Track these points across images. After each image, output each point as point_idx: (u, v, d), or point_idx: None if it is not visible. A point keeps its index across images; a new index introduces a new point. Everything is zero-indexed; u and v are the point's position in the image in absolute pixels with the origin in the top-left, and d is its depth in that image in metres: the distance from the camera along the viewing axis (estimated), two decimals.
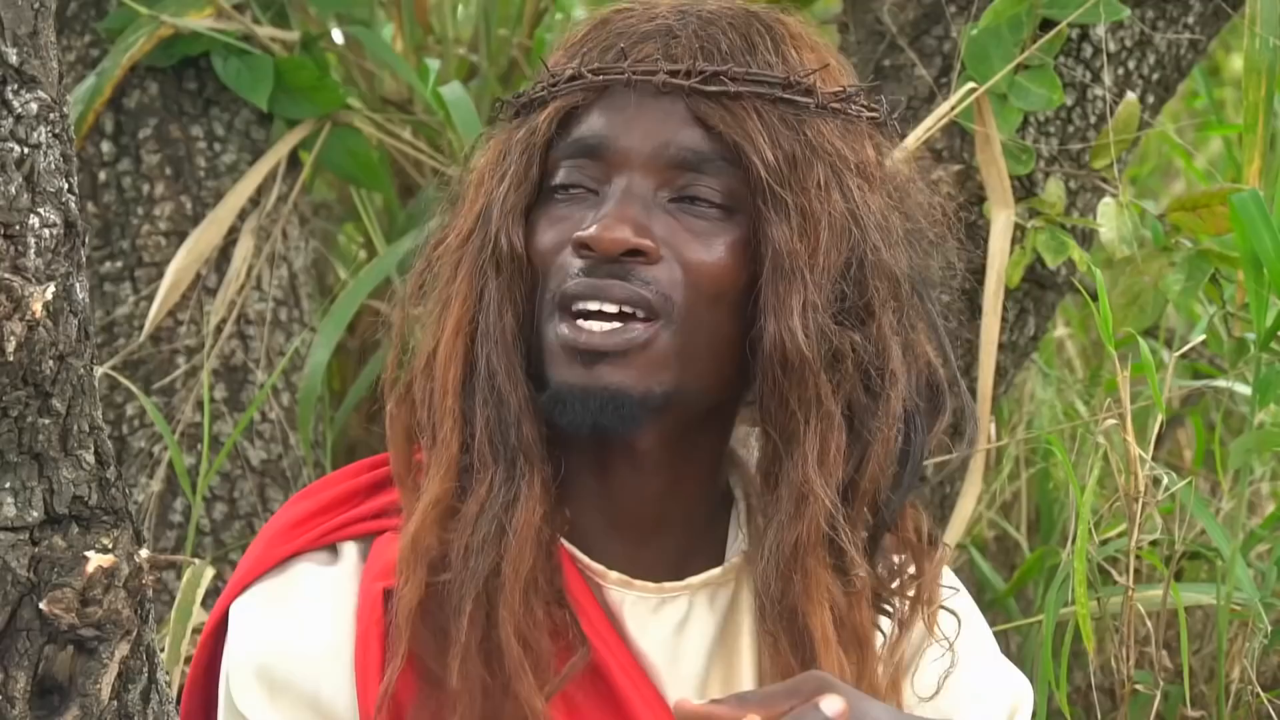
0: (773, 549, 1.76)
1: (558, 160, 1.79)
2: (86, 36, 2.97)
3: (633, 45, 1.79)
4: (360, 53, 3.24)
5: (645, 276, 1.74)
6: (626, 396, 1.74)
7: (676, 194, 1.77)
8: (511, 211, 1.78)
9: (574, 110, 1.79)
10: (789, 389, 1.75)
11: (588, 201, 1.77)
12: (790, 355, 1.74)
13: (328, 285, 3.27)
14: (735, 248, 1.76)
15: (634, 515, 1.82)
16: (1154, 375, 2.38)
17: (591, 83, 1.78)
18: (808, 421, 1.75)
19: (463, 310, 1.79)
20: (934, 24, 2.73)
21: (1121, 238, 2.63)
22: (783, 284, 1.75)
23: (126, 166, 2.93)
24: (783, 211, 1.75)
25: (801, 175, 1.76)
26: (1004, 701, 1.88)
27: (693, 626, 1.83)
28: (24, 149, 1.55)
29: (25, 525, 1.57)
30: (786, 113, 1.77)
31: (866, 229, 1.78)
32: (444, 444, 1.78)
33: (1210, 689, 2.71)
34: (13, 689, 1.56)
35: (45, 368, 1.56)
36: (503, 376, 1.77)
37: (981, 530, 3.26)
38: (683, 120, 1.77)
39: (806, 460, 1.75)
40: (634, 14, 1.82)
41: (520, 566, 1.74)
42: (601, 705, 1.79)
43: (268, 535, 1.85)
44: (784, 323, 1.74)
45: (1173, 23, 2.70)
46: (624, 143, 1.77)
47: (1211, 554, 2.66)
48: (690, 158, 1.76)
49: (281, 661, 1.78)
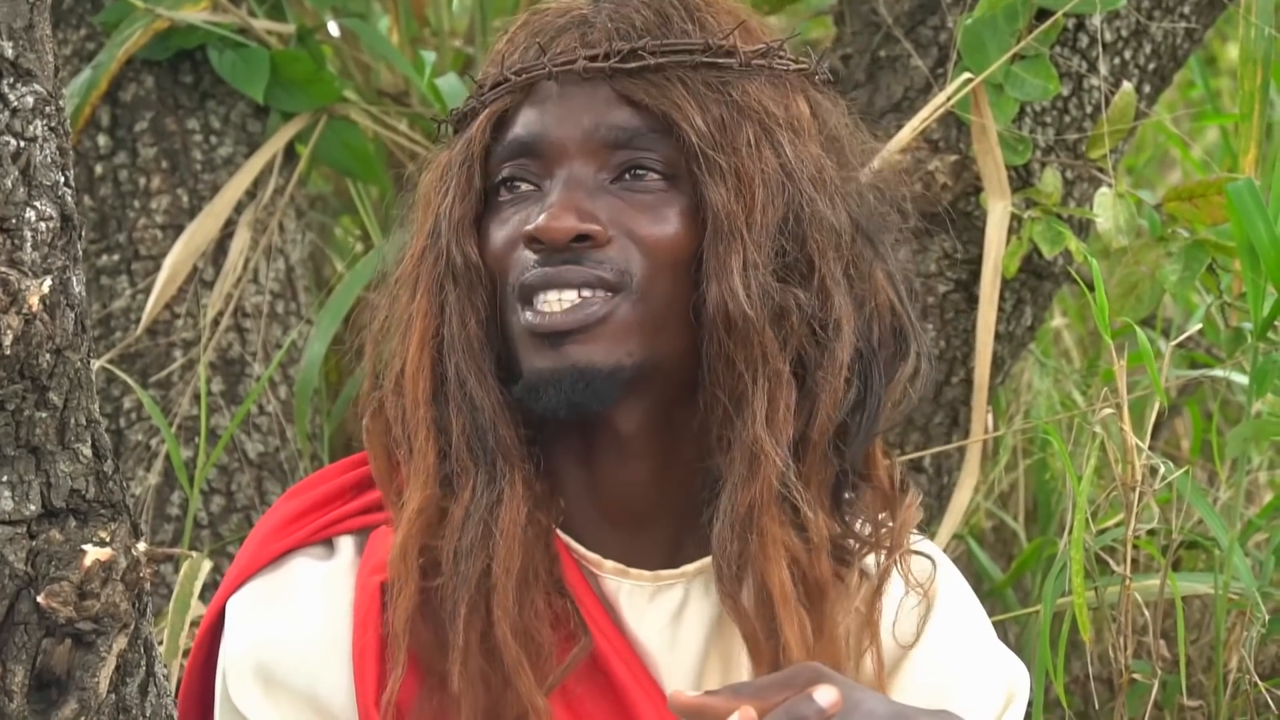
0: (727, 511, 1.76)
1: (498, 164, 1.81)
2: (82, 30, 2.97)
3: (550, 40, 1.81)
4: (356, 45, 3.24)
5: (598, 258, 1.75)
6: (596, 371, 1.75)
7: (616, 173, 1.78)
8: (459, 223, 1.80)
9: (505, 114, 1.81)
10: (734, 350, 1.76)
11: (533, 198, 1.79)
12: (733, 316, 1.75)
13: (324, 278, 3.27)
14: (684, 215, 1.77)
15: (625, 504, 1.83)
16: (1152, 365, 2.38)
17: (516, 83, 1.81)
18: (755, 381, 1.76)
19: (425, 324, 1.81)
20: (930, 14, 2.73)
21: (1118, 227, 2.63)
22: (722, 246, 1.75)
23: (123, 160, 2.93)
24: (717, 174, 1.76)
25: (732, 136, 1.77)
26: (1000, 687, 1.88)
27: (689, 614, 1.83)
28: (20, 142, 1.55)
29: (23, 519, 1.57)
30: (710, 76, 1.78)
31: (800, 183, 1.78)
32: (420, 454, 1.79)
33: (1208, 678, 2.71)
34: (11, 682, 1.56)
35: (42, 361, 1.56)
36: (473, 383, 1.78)
37: (979, 520, 3.26)
38: (609, 102, 1.78)
39: (755, 419, 1.75)
40: (550, 11, 1.85)
41: (510, 566, 1.75)
42: (599, 695, 1.80)
43: (262, 532, 1.85)
44: (725, 284, 1.75)
45: (1169, 12, 2.70)
46: (556, 134, 1.78)
47: (1209, 543, 2.66)
48: (622, 135, 1.77)
49: (278, 657, 1.78)
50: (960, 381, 2.74)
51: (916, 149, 2.65)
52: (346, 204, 3.29)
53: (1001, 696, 1.88)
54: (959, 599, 1.90)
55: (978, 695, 1.87)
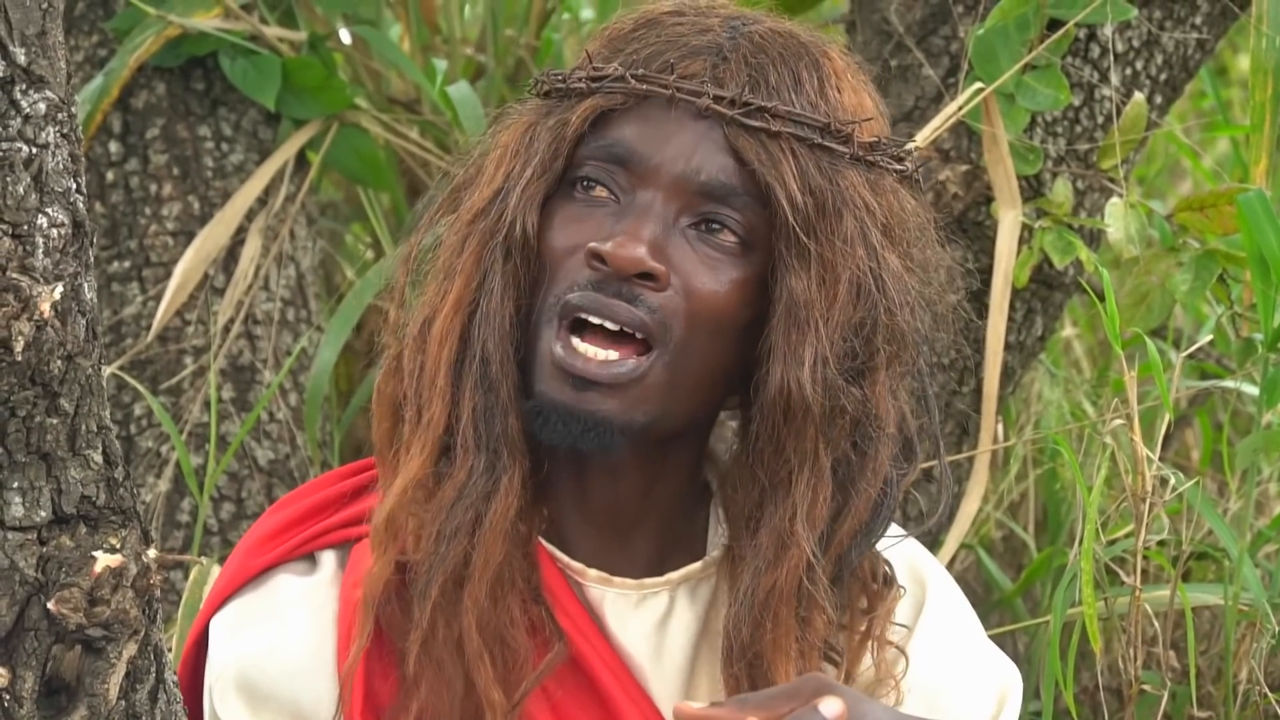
0: (748, 593, 1.76)
1: (584, 158, 1.77)
2: (94, 36, 2.97)
3: (680, 59, 1.76)
4: (367, 53, 3.24)
5: (651, 303, 1.73)
6: (610, 424, 1.74)
7: (696, 220, 1.75)
8: (531, 199, 1.76)
9: (610, 111, 1.77)
10: (787, 437, 1.75)
11: (608, 208, 1.76)
12: (795, 404, 1.73)
13: (335, 285, 3.27)
14: (745, 285, 1.75)
15: (611, 515, 1.82)
16: (1161, 375, 2.38)
17: (634, 89, 1.76)
18: (800, 471, 1.75)
19: (464, 288, 1.77)
20: (941, 24, 2.73)
21: (1129, 238, 2.63)
22: (795, 332, 1.73)
23: (134, 166, 2.94)
24: (804, 258, 1.74)
25: (830, 224, 1.74)
26: (993, 689, 1.88)
27: (675, 621, 1.83)
28: (32, 149, 1.55)
29: (33, 525, 1.57)
30: (822, 159, 1.76)
31: (886, 289, 1.76)
32: (430, 424, 1.76)
33: (1217, 689, 2.71)
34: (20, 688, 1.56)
35: (53, 367, 1.56)
36: (496, 365, 1.75)
37: (989, 530, 3.26)
38: (717, 148, 1.75)
39: (795, 511, 1.75)
40: (685, 21, 1.79)
41: (491, 558, 1.73)
42: (584, 702, 1.79)
43: (244, 548, 1.84)
44: (793, 371, 1.73)
45: (1180, 23, 2.70)
46: (656, 159, 1.75)
47: (1219, 554, 2.66)
48: (718, 188, 1.75)
49: (262, 673, 1.78)
50: (970, 391, 2.73)
51: (928, 158, 2.65)
52: (357, 211, 3.29)
53: (994, 699, 1.88)
54: (949, 602, 1.90)
55: (970, 698, 1.86)
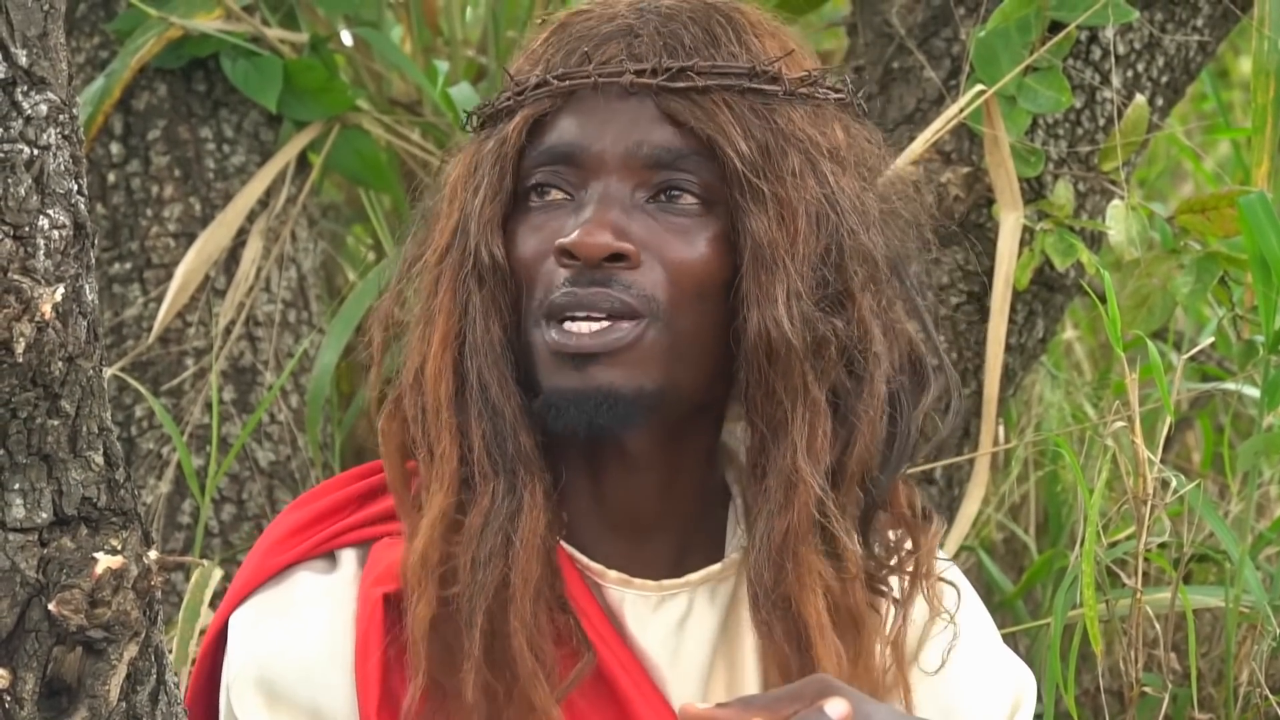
0: (764, 538, 1.76)
1: (531, 168, 1.79)
2: (95, 38, 2.97)
3: (596, 48, 1.79)
4: (369, 54, 3.24)
5: (627, 281, 1.74)
6: (620, 395, 1.74)
7: (654, 193, 1.77)
8: (489, 223, 1.79)
9: (543, 117, 1.79)
10: (775, 378, 1.75)
11: (565, 207, 1.78)
12: (776, 345, 1.74)
13: (336, 287, 3.27)
14: (716, 242, 1.77)
15: (630, 515, 1.82)
16: (1162, 378, 2.38)
17: (558, 88, 1.78)
18: (794, 410, 1.75)
19: (448, 324, 1.79)
20: (942, 26, 2.73)
21: (1130, 240, 2.63)
22: (764, 274, 1.75)
23: (135, 168, 2.94)
24: (760, 202, 1.75)
25: (776, 164, 1.76)
26: (1007, 693, 1.88)
27: (694, 623, 1.83)
28: (33, 150, 1.55)
29: (34, 526, 1.57)
30: (755, 102, 1.77)
31: (843, 213, 1.78)
32: (443, 458, 1.78)
33: (1218, 692, 2.71)
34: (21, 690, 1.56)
35: (54, 369, 1.56)
36: (495, 388, 1.77)
37: (990, 532, 3.26)
38: (653, 119, 1.77)
39: (795, 448, 1.75)
40: (593, 15, 1.82)
41: (529, 576, 1.74)
42: (603, 706, 1.79)
43: (264, 545, 1.85)
44: (768, 313, 1.74)
45: (1182, 25, 2.70)
46: (597, 147, 1.77)
47: (1220, 557, 2.66)
48: (664, 156, 1.76)
49: (280, 671, 1.78)
50: (971, 393, 2.73)
51: (929, 161, 2.65)
52: (359, 213, 3.29)
53: (1009, 703, 1.88)
54: (965, 605, 1.90)
55: (984, 702, 1.87)
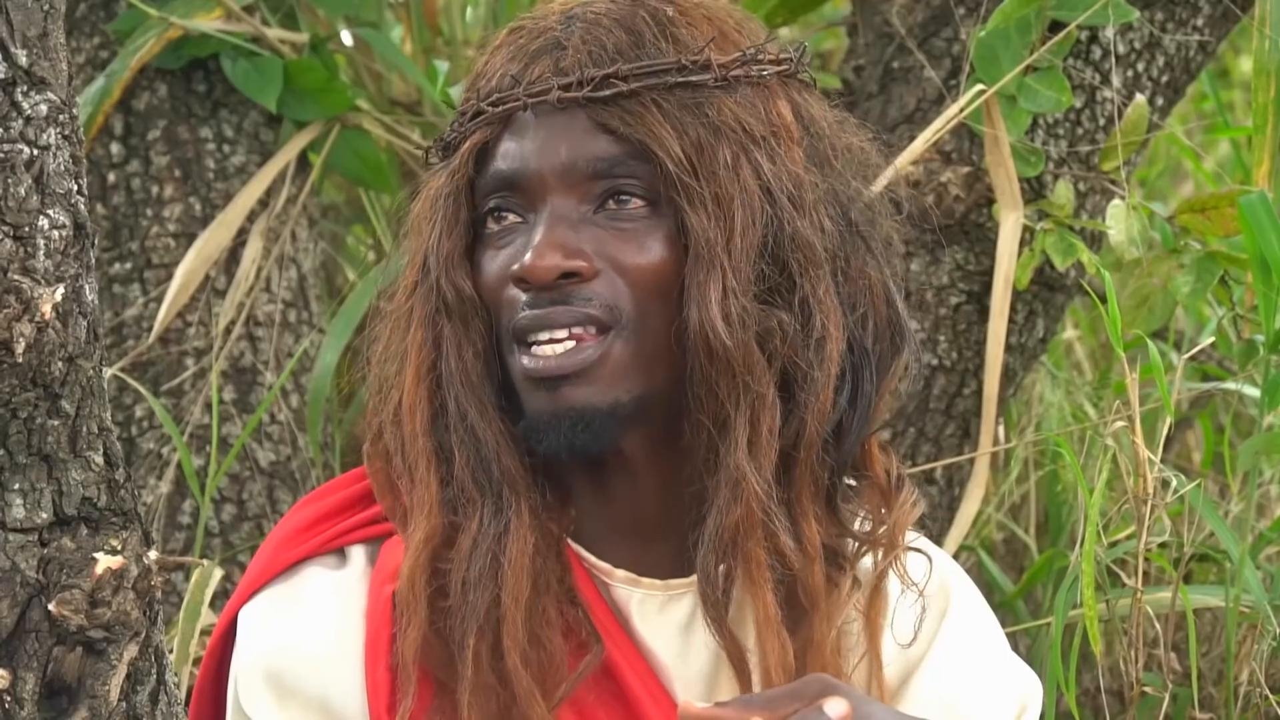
0: (712, 535, 1.76)
1: (483, 196, 1.80)
2: (96, 38, 2.97)
3: (524, 69, 1.78)
4: (369, 54, 3.24)
5: (586, 294, 1.74)
6: (595, 412, 1.74)
7: (599, 202, 1.76)
8: (449, 258, 1.79)
9: (486, 144, 1.79)
10: (716, 377, 1.75)
11: (520, 230, 1.78)
12: (713, 344, 1.73)
13: (336, 287, 3.27)
14: (668, 241, 1.76)
15: (634, 516, 1.83)
16: (1163, 377, 2.38)
17: (494, 114, 1.79)
18: (736, 408, 1.75)
19: (420, 358, 1.80)
20: (943, 26, 2.73)
21: (1130, 240, 2.63)
22: (701, 273, 1.74)
23: (135, 168, 2.94)
24: (696, 200, 1.75)
25: (709, 160, 1.75)
26: (1012, 698, 1.88)
27: (700, 623, 1.83)
28: (34, 150, 1.55)
29: (34, 527, 1.57)
30: (685, 97, 1.76)
31: (779, 202, 1.76)
32: (422, 484, 1.79)
33: (1219, 691, 2.71)
34: (21, 690, 1.56)
35: (54, 369, 1.56)
36: (474, 415, 1.78)
37: (990, 532, 3.26)
38: (586, 130, 1.76)
39: (737, 446, 1.74)
40: (524, 32, 1.82)
41: (519, 595, 1.75)
42: (610, 704, 1.80)
43: (275, 541, 1.85)
44: (705, 312, 1.73)
45: (1182, 25, 2.70)
46: (534, 166, 1.76)
47: (1220, 556, 2.66)
48: (602, 166, 1.76)
49: (290, 665, 1.78)
50: (972, 393, 2.73)
51: (929, 160, 2.65)
52: (359, 213, 3.29)
53: (1014, 708, 1.88)
54: (972, 611, 1.90)
55: (989, 706, 1.86)
